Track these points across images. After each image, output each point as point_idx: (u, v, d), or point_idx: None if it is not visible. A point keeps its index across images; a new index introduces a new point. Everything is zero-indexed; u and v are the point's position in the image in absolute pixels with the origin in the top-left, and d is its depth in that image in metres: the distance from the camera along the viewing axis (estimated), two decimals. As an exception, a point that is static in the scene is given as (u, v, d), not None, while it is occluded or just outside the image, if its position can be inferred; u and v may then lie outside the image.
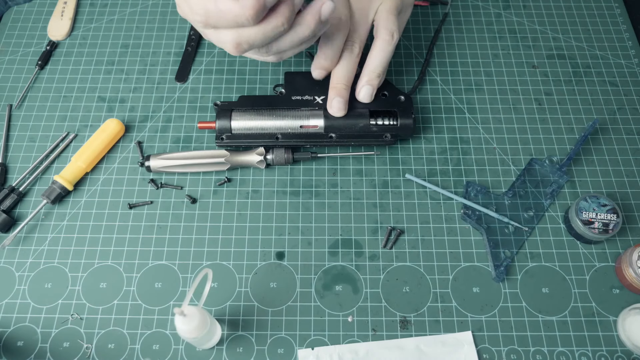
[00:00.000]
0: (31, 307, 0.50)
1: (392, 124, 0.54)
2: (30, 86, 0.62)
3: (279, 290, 0.50)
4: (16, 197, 0.54)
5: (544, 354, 0.48)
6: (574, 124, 0.59)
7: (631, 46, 0.65)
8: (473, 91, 0.62)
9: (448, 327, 0.49)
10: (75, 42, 0.66)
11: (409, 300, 0.50)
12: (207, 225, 0.54)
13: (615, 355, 0.48)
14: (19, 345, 0.48)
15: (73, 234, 0.53)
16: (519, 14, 0.68)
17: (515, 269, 0.51)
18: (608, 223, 0.51)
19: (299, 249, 0.52)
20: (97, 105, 0.61)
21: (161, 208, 0.55)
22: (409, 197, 0.55)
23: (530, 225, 0.53)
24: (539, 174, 0.56)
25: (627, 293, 0.50)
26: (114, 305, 0.50)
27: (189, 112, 0.60)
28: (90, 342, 0.48)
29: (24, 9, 0.68)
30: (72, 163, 0.55)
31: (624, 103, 0.61)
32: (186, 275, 0.51)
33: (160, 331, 0.49)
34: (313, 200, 0.55)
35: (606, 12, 0.68)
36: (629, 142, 0.58)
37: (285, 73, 0.57)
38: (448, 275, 0.51)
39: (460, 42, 0.65)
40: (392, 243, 0.53)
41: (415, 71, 0.63)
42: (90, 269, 0.52)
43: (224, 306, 0.50)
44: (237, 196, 0.55)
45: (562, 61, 0.64)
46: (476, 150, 0.58)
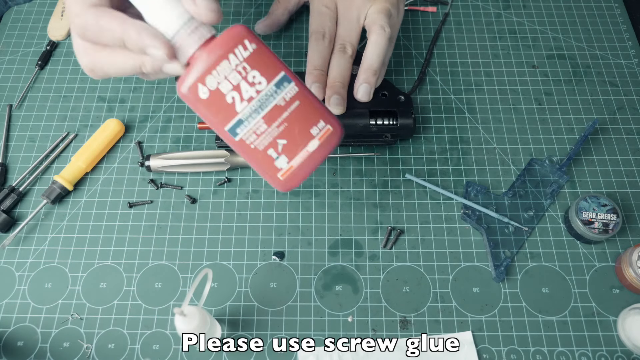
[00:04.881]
0: (31, 307, 0.50)
1: (392, 124, 0.54)
2: (30, 86, 0.62)
3: (279, 290, 0.50)
4: (16, 197, 0.54)
5: (544, 354, 0.48)
6: (574, 124, 0.59)
7: (631, 46, 0.65)
8: (473, 91, 0.62)
9: (448, 327, 0.49)
10: (75, 42, 0.66)
11: (409, 300, 0.50)
12: (207, 225, 0.54)
13: (615, 355, 0.48)
14: (19, 345, 0.48)
15: (73, 234, 0.53)
16: (519, 14, 0.68)
17: (515, 269, 0.51)
18: (608, 223, 0.51)
19: (299, 249, 0.52)
20: (97, 105, 0.61)
21: (161, 208, 0.55)
22: (409, 197, 0.55)
23: (530, 225, 0.53)
24: (539, 174, 0.56)
25: (627, 293, 0.50)
26: (114, 305, 0.50)
27: (189, 112, 0.60)
28: (90, 342, 0.48)
29: (24, 9, 0.68)
30: (72, 163, 0.55)
31: (624, 103, 0.61)
32: (186, 275, 0.51)
33: (160, 331, 0.49)
34: (313, 200, 0.55)
35: (606, 12, 0.68)
36: (629, 142, 0.58)
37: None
38: (448, 275, 0.51)
39: (460, 42, 0.65)
40: (392, 243, 0.53)
41: (415, 71, 0.63)
42: (90, 269, 0.52)
43: (224, 306, 0.50)
44: (237, 196, 0.55)
45: (562, 61, 0.64)
46: (476, 150, 0.58)
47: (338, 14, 0.54)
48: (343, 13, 0.54)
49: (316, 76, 0.53)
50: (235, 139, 0.37)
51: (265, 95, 0.37)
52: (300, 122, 0.38)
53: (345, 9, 0.53)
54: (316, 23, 0.54)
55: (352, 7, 0.53)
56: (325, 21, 0.53)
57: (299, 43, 0.65)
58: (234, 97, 0.36)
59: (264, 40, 0.64)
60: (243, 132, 0.37)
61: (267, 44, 0.64)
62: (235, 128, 0.37)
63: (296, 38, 0.65)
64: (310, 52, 0.54)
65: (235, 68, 0.36)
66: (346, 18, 0.53)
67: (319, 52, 0.53)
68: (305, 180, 0.56)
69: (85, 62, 0.40)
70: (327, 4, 0.54)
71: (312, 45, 0.54)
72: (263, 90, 0.37)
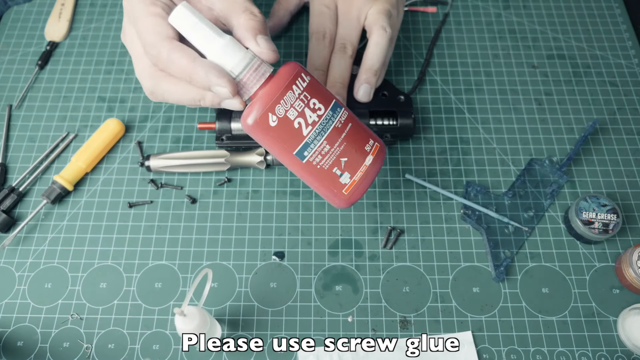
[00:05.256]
0: (31, 307, 0.50)
1: (392, 124, 0.54)
2: (30, 86, 0.62)
3: (279, 290, 0.50)
4: (16, 197, 0.54)
5: (544, 354, 0.48)
6: (574, 124, 0.59)
7: (631, 46, 0.65)
8: (473, 91, 0.62)
9: (448, 327, 0.49)
10: (75, 42, 0.66)
11: (408, 300, 0.50)
12: (207, 225, 0.54)
13: (615, 355, 0.48)
14: (19, 345, 0.48)
15: (73, 234, 0.53)
16: (519, 14, 0.68)
17: (515, 269, 0.51)
18: (608, 223, 0.51)
19: (299, 249, 0.52)
20: (97, 105, 0.61)
21: (161, 208, 0.55)
22: (409, 197, 0.55)
23: (530, 225, 0.53)
24: (539, 174, 0.56)
25: (627, 293, 0.50)
26: (114, 305, 0.50)
27: (189, 112, 0.60)
28: (90, 342, 0.48)
29: (23, 9, 0.68)
30: (72, 163, 0.55)
31: (624, 103, 0.61)
32: (186, 275, 0.51)
33: (160, 331, 0.49)
34: (313, 200, 0.55)
35: (606, 12, 0.68)
36: (629, 142, 0.58)
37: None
38: (448, 275, 0.51)
39: (460, 42, 0.65)
40: (392, 243, 0.53)
41: (415, 71, 0.63)
42: (90, 269, 0.52)
43: (224, 306, 0.50)
44: (237, 196, 0.55)
45: (562, 61, 0.64)
46: (476, 150, 0.58)
47: (338, 14, 0.54)
48: (343, 13, 0.54)
49: (316, 76, 0.53)
50: (303, 161, 0.41)
51: (325, 119, 0.41)
52: (356, 141, 0.43)
53: (345, 9, 0.53)
54: (316, 23, 0.54)
55: (353, 7, 0.53)
56: (325, 21, 0.53)
57: (299, 43, 0.65)
58: (300, 123, 0.40)
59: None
60: (310, 154, 0.41)
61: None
62: (303, 151, 0.41)
63: (296, 38, 0.65)
64: (310, 52, 0.54)
65: (299, 97, 0.40)
66: (346, 18, 0.53)
67: (319, 53, 0.53)
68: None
69: (148, 85, 0.43)
70: (327, 4, 0.54)
71: (312, 46, 0.54)
72: (323, 114, 0.41)
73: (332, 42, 0.54)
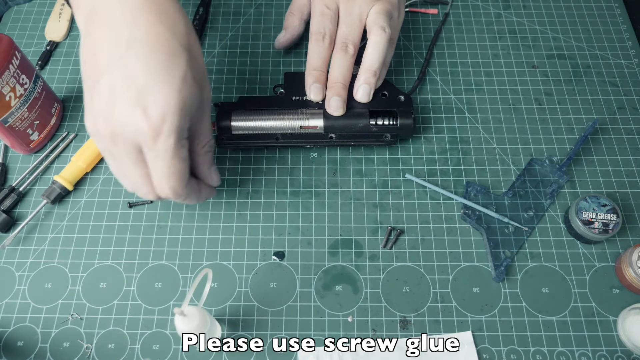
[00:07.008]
0: (31, 307, 0.50)
1: (392, 124, 0.54)
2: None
3: (279, 290, 0.50)
4: (16, 197, 0.54)
5: (544, 354, 0.48)
6: (574, 124, 0.59)
7: (631, 46, 0.65)
8: (473, 91, 0.62)
9: (448, 327, 0.49)
10: (76, 42, 0.66)
11: (408, 300, 0.50)
12: (207, 225, 0.54)
13: (615, 355, 0.48)
14: (19, 345, 0.48)
15: (73, 234, 0.53)
16: (519, 14, 0.68)
17: (515, 269, 0.51)
18: (608, 223, 0.51)
19: (299, 249, 0.52)
20: (97, 105, 0.61)
21: (161, 208, 0.55)
22: (409, 197, 0.55)
23: (530, 225, 0.53)
24: (539, 174, 0.56)
25: (627, 293, 0.50)
26: (114, 305, 0.50)
27: (189, 112, 0.60)
28: (90, 342, 0.48)
29: (23, 9, 0.68)
30: (72, 163, 0.55)
31: (624, 103, 0.61)
32: (186, 275, 0.51)
33: (160, 331, 0.49)
34: (313, 200, 0.55)
35: (606, 12, 0.68)
36: (629, 142, 0.58)
37: (285, 73, 0.57)
38: (448, 275, 0.51)
39: (460, 42, 0.65)
40: (392, 243, 0.53)
41: (415, 71, 0.63)
42: (90, 269, 0.52)
43: (224, 306, 0.50)
44: (237, 196, 0.55)
45: (562, 61, 0.64)
46: (476, 150, 0.58)
47: (340, 14, 0.54)
48: (345, 12, 0.53)
49: (316, 76, 0.53)
50: (5, 125, 0.52)
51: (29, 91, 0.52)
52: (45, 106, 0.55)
53: (347, 8, 0.53)
54: (317, 24, 0.54)
55: (354, 6, 0.53)
56: (326, 22, 0.53)
57: (299, 43, 0.65)
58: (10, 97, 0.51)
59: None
60: (12, 120, 0.52)
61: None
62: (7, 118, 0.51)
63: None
64: (310, 52, 0.54)
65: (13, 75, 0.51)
66: (348, 17, 0.53)
67: (319, 53, 0.53)
68: (305, 180, 0.56)
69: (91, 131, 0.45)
70: (328, 4, 0.54)
71: (312, 46, 0.54)
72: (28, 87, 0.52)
73: (332, 42, 0.54)
